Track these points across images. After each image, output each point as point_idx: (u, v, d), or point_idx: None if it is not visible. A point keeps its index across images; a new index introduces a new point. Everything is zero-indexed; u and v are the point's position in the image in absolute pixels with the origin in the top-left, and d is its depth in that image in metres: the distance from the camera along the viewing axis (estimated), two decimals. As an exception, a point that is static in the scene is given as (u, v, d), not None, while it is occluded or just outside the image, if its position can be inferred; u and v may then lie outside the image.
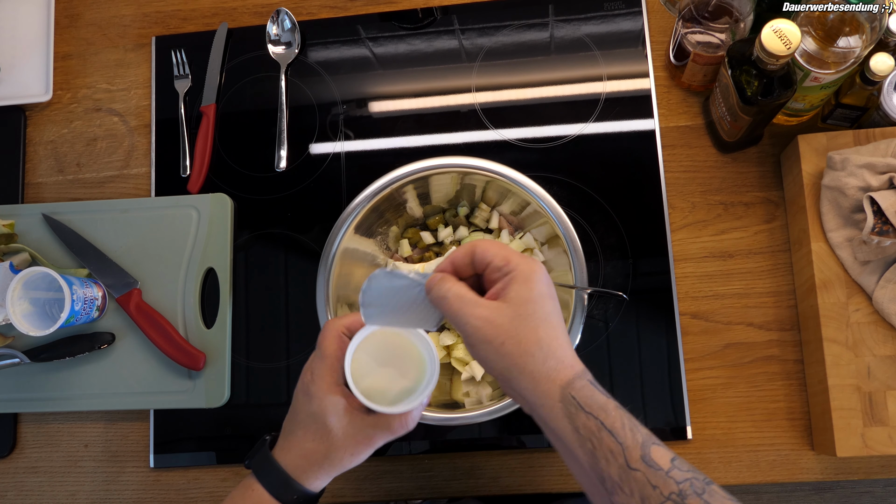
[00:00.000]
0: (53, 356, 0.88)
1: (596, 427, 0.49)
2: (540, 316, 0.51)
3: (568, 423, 0.50)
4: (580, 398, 0.50)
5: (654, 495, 0.47)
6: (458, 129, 0.94)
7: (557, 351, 0.51)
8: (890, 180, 0.75)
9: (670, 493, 0.47)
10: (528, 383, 0.50)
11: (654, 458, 0.48)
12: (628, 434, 0.49)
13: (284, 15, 0.98)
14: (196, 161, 0.96)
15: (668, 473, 0.47)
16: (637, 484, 0.48)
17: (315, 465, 0.60)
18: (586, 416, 0.50)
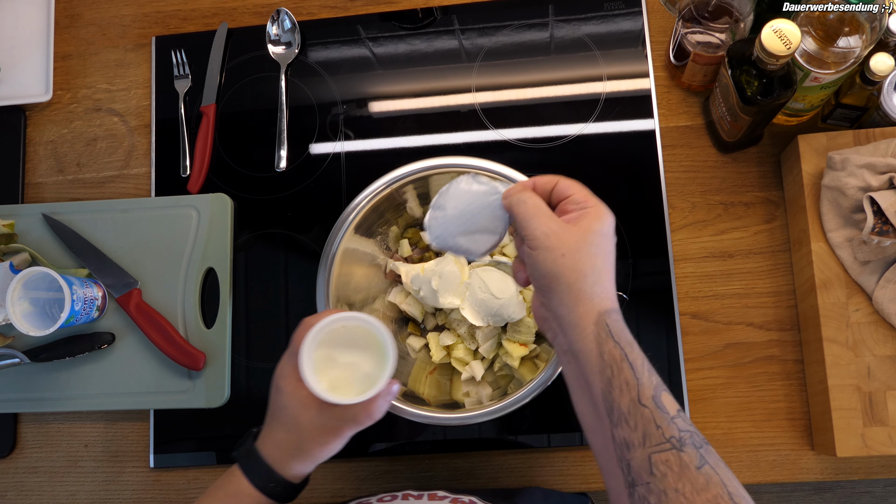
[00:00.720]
0: (53, 356, 0.88)
1: (620, 356, 0.51)
2: (602, 249, 0.54)
3: (595, 347, 0.52)
4: (613, 327, 0.52)
5: (655, 434, 0.48)
6: (458, 129, 0.94)
7: (606, 282, 0.54)
8: (890, 180, 0.75)
9: (671, 436, 0.48)
10: (571, 299, 0.53)
11: (664, 402, 0.50)
12: (645, 373, 0.51)
13: (284, 15, 0.98)
14: (196, 161, 0.96)
15: (673, 419, 0.49)
16: (643, 420, 0.49)
17: (289, 454, 0.63)
18: (614, 345, 0.51)
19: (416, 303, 0.86)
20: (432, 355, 0.85)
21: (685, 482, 0.47)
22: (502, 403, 0.75)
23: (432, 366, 0.86)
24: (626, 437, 0.50)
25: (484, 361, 0.84)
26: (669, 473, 0.47)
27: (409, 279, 0.83)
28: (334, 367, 0.64)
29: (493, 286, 0.79)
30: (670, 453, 0.48)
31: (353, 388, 0.63)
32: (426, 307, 0.86)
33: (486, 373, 0.84)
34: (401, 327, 0.88)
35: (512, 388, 0.79)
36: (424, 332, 0.87)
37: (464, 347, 0.84)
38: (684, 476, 0.47)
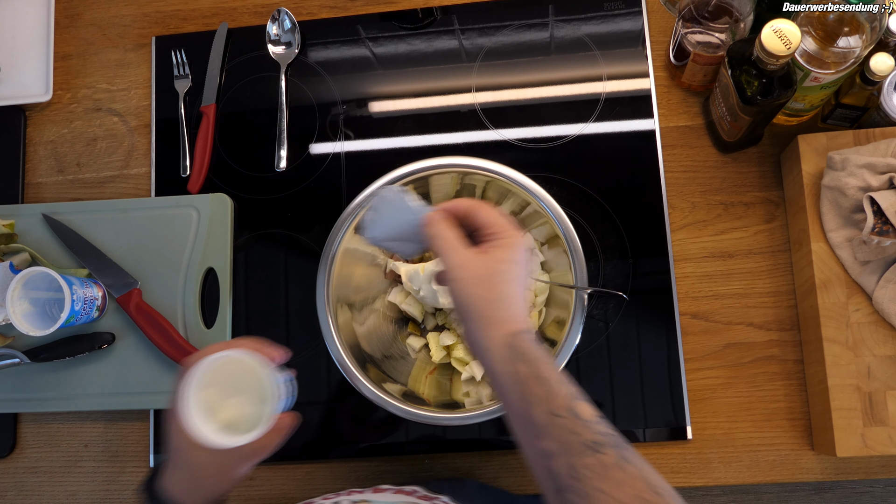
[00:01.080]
0: (53, 356, 0.88)
1: (530, 374, 0.54)
2: (511, 276, 0.57)
3: (507, 368, 0.55)
4: (522, 347, 0.55)
5: (574, 441, 0.50)
6: (458, 129, 0.94)
7: (515, 306, 0.57)
8: (890, 180, 0.75)
9: (590, 441, 0.50)
10: (482, 326, 0.56)
11: (578, 410, 0.52)
12: (557, 386, 0.53)
13: (284, 15, 0.98)
14: (196, 161, 0.96)
15: (589, 424, 0.51)
16: (559, 430, 0.51)
17: (188, 491, 0.63)
18: (524, 364, 0.54)
19: (416, 303, 0.86)
20: (432, 355, 0.85)
21: (607, 481, 0.49)
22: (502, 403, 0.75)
23: (432, 366, 0.86)
24: (547, 448, 0.51)
25: (484, 361, 0.84)
26: (592, 476, 0.49)
27: (408, 279, 0.83)
28: (225, 405, 0.63)
29: (493, 286, 0.79)
30: (590, 457, 0.49)
31: (246, 424, 0.62)
32: (426, 307, 0.86)
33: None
34: (401, 327, 0.88)
35: (512, 388, 0.79)
36: (424, 332, 0.87)
37: (464, 347, 0.84)
38: (606, 476, 0.49)
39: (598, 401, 0.85)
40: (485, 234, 0.59)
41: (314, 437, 0.88)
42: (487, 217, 0.59)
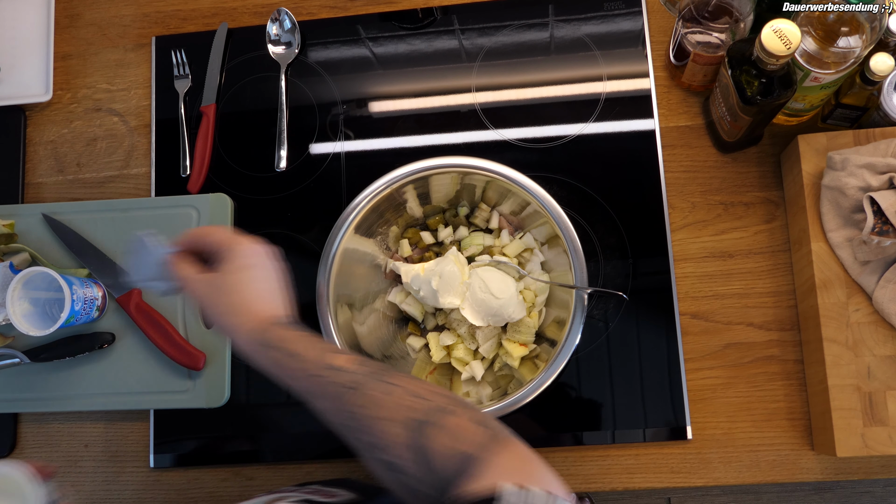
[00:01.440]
0: (53, 356, 0.88)
1: (283, 356, 0.60)
2: (245, 281, 0.64)
3: (265, 360, 0.61)
4: (269, 338, 0.61)
5: (338, 391, 0.57)
6: (458, 129, 0.94)
7: (255, 306, 0.63)
8: (890, 180, 0.75)
9: (349, 382, 0.57)
10: (236, 334, 0.63)
11: (333, 363, 0.58)
12: (310, 353, 0.59)
13: (284, 15, 0.98)
14: (196, 161, 0.96)
15: (344, 370, 0.57)
16: (324, 387, 0.58)
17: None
18: (275, 350, 0.60)
19: (416, 303, 0.86)
20: (432, 355, 0.85)
21: (374, 408, 0.55)
22: (502, 403, 0.75)
23: (432, 366, 0.86)
24: (324, 407, 0.58)
25: (484, 361, 0.84)
26: (361, 408, 0.55)
27: (409, 279, 0.83)
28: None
29: (493, 286, 0.79)
30: (354, 395, 0.56)
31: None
32: (426, 307, 0.86)
33: (486, 373, 0.84)
34: (401, 327, 0.88)
35: (512, 388, 0.79)
36: (424, 332, 0.87)
37: (464, 347, 0.84)
38: (372, 404, 0.55)
39: (598, 401, 0.85)
40: (216, 255, 0.65)
41: (314, 437, 0.87)
42: (213, 238, 0.66)
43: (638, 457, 0.85)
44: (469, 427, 0.53)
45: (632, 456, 0.85)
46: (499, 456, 0.51)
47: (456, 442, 0.52)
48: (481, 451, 0.51)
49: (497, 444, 0.52)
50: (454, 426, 0.53)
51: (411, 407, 0.54)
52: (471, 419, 0.54)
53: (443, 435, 0.52)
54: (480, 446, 0.52)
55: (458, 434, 0.52)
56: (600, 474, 0.85)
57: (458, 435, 0.52)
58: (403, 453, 0.53)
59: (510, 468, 0.50)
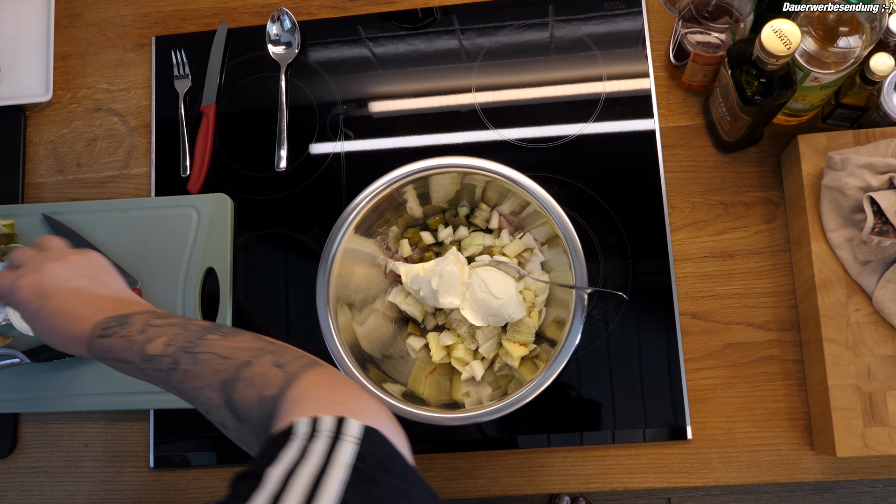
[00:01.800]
0: (53, 356, 0.88)
1: (115, 362, 0.62)
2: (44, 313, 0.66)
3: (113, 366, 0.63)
4: (96, 350, 0.63)
5: (162, 377, 0.59)
6: (458, 129, 0.94)
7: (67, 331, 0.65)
8: (890, 180, 0.75)
9: (166, 365, 0.59)
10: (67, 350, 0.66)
11: (151, 353, 0.60)
12: (130, 354, 0.61)
13: (284, 15, 0.98)
14: (196, 161, 0.96)
15: (160, 355, 0.59)
16: (153, 378, 0.60)
17: None
18: (105, 360, 0.63)
19: (416, 303, 0.86)
20: (432, 355, 0.85)
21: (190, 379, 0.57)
22: (502, 403, 0.75)
23: (432, 366, 0.86)
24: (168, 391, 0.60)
25: (484, 361, 0.84)
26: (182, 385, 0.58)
27: (409, 279, 0.83)
28: None
29: (493, 286, 0.79)
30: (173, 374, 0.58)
31: None
32: (426, 307, 0.86)
33: (486, 373, 0.84)
34: (401, 327, 0.88)
35: (512, 388, 0.79)
36: (424, 332, 0.87)
37: (464, 347, 0.84)
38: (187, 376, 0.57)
39: (598, 401, 0.85)
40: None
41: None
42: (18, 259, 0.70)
43: (638, 457, 0.85)
44: (268, 372, 0.54)
45: (632, 456, 0.85)
46: (295, 390, 0.51)
47: (259, 389, 0.53)
48: (280, 391, 0.52)
49: (294, 380, 0.52)
50: (255, 375, 0.54)
51: (219, 370, 0.56)
52: (272, 363, 0.55)
53: (246, 387, 0.54)
54: (279, 387, 0.52)
55: (258, 382, 0.54)
56: (600, 474, 0.85)
57: (258, 382, 0.54)
58: (223, 413, 0.56)
59: (309, 399, 0.50)
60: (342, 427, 0.45)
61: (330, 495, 0.40)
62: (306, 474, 0.41)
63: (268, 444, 0.45)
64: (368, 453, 0.44)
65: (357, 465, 0.42)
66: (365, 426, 0.45)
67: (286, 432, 0.45)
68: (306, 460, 0.42)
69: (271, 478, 0.41)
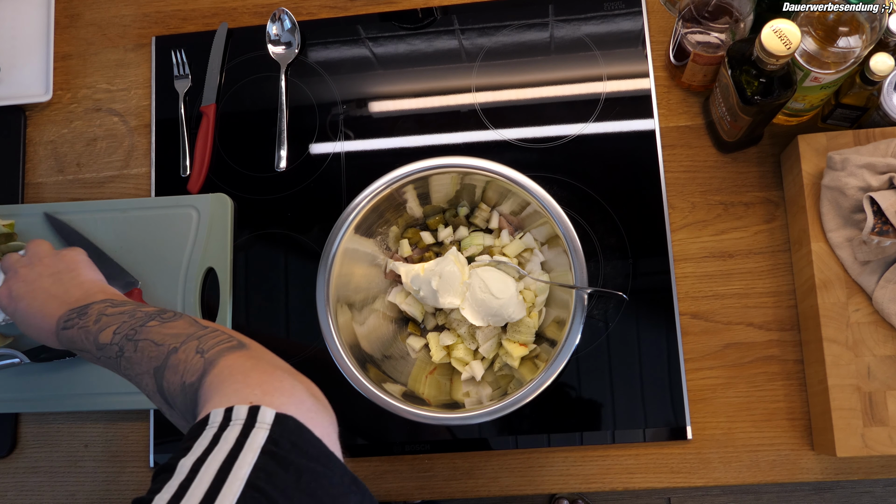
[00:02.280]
0: (53, 356, 0.88)
1: (81, 351, 0.65)
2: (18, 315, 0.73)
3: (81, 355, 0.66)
4: (63, 339, 0.68)
5: (112, 365, 0.62)
6: (458, 129, 0.94)
7: (38, 326, 0.71)
8: (890, 180, 0.75)
9: (114, 353, 0.61)
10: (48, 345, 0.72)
11: (102, 341, 0.63)
12: (87, 344, 0.64)
13: (284, 15, 0.98)
14: (196, 161, 0.96)
15: (108, 343, 0.62)
16: (108, 366, 0.63)
17: None
18: (80, 353, 0.66)
19: (416, 303, 0.86)
20: (432, 355, 0.85)
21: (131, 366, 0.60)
22: (502, 403, 0.75)
23: (432, 366, 0.86)
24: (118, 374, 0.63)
25: (484, 361, 0.84)
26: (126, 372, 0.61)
27: (409, 279, 0.83)
28: None
29: (493, 286, 0.79)
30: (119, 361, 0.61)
31: None
32: (426, 307, 0.86)
33: (486, 373, 0.84)
34: (401, 327, 0.88)
35: (512, 388, 0.79)
36: (424, 332, 0.87)
37: (464, 347, 0.84)
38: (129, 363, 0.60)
39: (598, 401, 0.85)
40: None
41: (314, 437, 0.87)
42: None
43: (638, 457, 0.85)
44: (189, 359, 0.55)
45: (632, 456, 0.85)
46: (212, 376, 0.51)
47: (182, 376, 0.54)
48: (199, 378, 0.52)
49: (211, 367, 0.52)
50: (179, 362, 0.55)
51: (153, 356, 0.58)
52: (194, 349, 0.55)
53: (172, 374, 0.55)
54: (198, 374, 0.53)
55: (181, 368, 0.55)
56: (600, 474, 0.85)
57: (181, 369, 0.55)
58: (158, 400, 0.58)
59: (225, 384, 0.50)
60: (256, 415, 0.45)
61: (238, 479, 0.40)
62: (216, 461, 0.41)
63: (186, 435, 0.46)
64: (281, 437, 0.43)
65: (268, 449, 0.42)
66: (278, 413, 0.45)
67: (202, 422, 0.45)
68: (217, 448, 0.42)
69: (182, 468, 0.41)
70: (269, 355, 0.55)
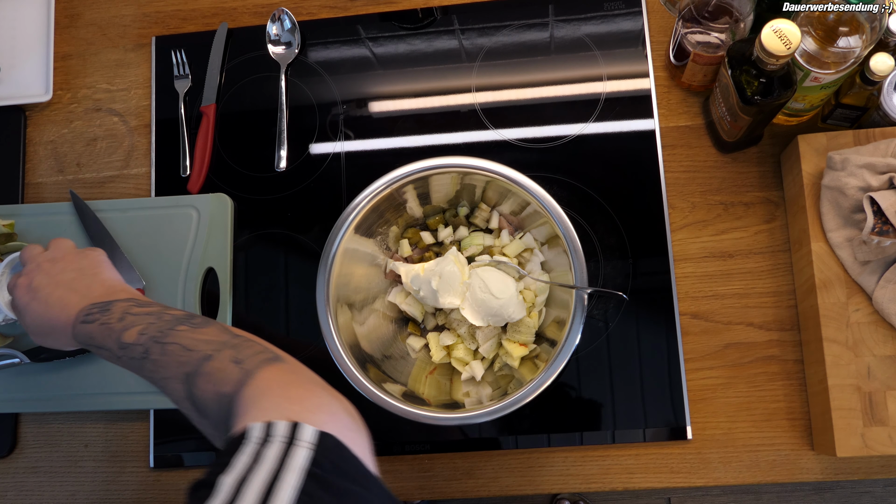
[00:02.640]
0: (53, 356, 0.88)
1: (98, 350, 0.65)
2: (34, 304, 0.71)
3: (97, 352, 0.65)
4: (79, 336, 0.67)
5: (135, 365, 0.61)
6: (458, 129, 0.94)
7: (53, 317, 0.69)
8: (890, 180, 0.75)
9: (139, 354, 0.60)
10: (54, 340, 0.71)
11: (126, 341, 0.62)
12: (108, 341, 0.63)
13: (284, 15, 0.98)
14: (196, 161, 0.96)
15: (133, 343, 0.61)
16: (128, 365, 0.62)
17: None
18: (89, 347, 0.66)
19: (416, 303, 0.86)
20: (432, 355, 0.85)
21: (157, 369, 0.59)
22: (502, 403, 0.75)
23: (432, 366, 0.86)
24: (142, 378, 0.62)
25: (484, 361, 0.84)
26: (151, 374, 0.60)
27: (409, 279, 0.83)
28: None
29: (493, 286, 0.79)
30: (144, 363, 0.60)
31: None
32: (426, 307, 0.86)
33: (486, 373, 0.84)
34: (401, 327, 0.88)
35: (512, 388, 0.79)
36: (424, 332, 0.87)
37: (464, 347, 0.84)
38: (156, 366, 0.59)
39: (598, 401, 0.85)
40: None
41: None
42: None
43: (638, 457, 0.85)
44: (226, 368, 0.54)
45: (632, 456, 0.85)
46: (250, 388, 0.51)
47: (216, 385, 0.53)
48: (236, 389, 0.51)
49: (249, 378, 0.52)
50: (214, 370, 0.54)
51: (183, 361, 0.57)
52: (230, 359, 0.54)
53: (205, 382, 0.54)
54: (235, 384, 0.52)
55: (216, 377, 0.54)
56: (600, 474, 0.85)
57: (216, 378, 0.54)
58: (186, 406, 0.56)
59: (264, 398, 0.49)
60: (296, 432, 0.44)
61: (283, 502, 0.39)
62: (259, 481, 0.40)
63: (223, 449, 0.45)
64: (323, 458, 0.43)
65: (311, 471, 0.41)
66: (320, 431, 0.45)
67: (240, 437, 0.44)
68: (259, 466, 0.41)
69: (224, 486, 0.40)
70: (306, 370, 0.54)
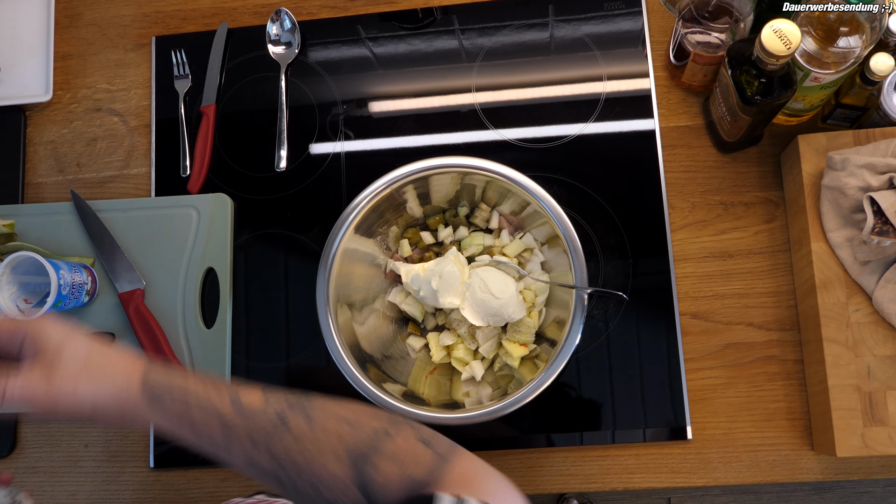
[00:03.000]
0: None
1: (183, 405, 0.51)
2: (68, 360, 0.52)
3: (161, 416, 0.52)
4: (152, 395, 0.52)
5: (263, 437, 0.50)
6: (458, 129, 0.94)
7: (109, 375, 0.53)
8: (890, 180, 0.75)
9: (270, 423, 0.50)
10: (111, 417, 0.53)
11: (246, 404, 0.51)
12: (214, 395, 0.51)
13: (284, 15, 0.98)
14: (196, 161, 0.96)
15: (266, 411, 0.51)
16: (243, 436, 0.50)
17: None
18: (171, 401, 0.52)
19: (416, 303, 0.86)
20: (432, 355, 0.85)
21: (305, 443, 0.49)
22: (502, 403, 0.75)
23: (432, 366, 0.86)
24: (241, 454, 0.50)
25: (484, 361, 0.84)
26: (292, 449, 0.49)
27: (409, 279, 0.83)
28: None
29: (493, 286, 0.79)
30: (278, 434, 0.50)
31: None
32: (426, 307, 0.86)
33: (486, 373, 0.84)
34: (401, 327, 0.88)
35: (512, 388, 0.79)
36: (424, 332, 0.87)
37: (464, 347, 0.84)
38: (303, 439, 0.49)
39: (598, 401, 0.85)
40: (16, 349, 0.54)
41: (314, 437, 0.88)
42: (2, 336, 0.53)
43: (638, 457, 0.85)
44: (415, 449, 0.49)
45: (632, 456, 0.85)
46: (454, 475, 0.48)
47: (404, 468, 0.48)
48: (432, 475, 0.48)
49: (447, 465, 0.49)
50: (399, 451, 0.49)
51: (346, 437, 0.49)
52: (416, 438, 0.50)
53: (388, 463, 0.48)
54: (431, 471, 0.48)
55: (404, 459, 0.49)
56: (600, 474, 0.85)
57: (404, 460, 0.48)
58: (348, 490, 0.48)
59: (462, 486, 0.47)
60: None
61: None
62: None
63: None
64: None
65: None
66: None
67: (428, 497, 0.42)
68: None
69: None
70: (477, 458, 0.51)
